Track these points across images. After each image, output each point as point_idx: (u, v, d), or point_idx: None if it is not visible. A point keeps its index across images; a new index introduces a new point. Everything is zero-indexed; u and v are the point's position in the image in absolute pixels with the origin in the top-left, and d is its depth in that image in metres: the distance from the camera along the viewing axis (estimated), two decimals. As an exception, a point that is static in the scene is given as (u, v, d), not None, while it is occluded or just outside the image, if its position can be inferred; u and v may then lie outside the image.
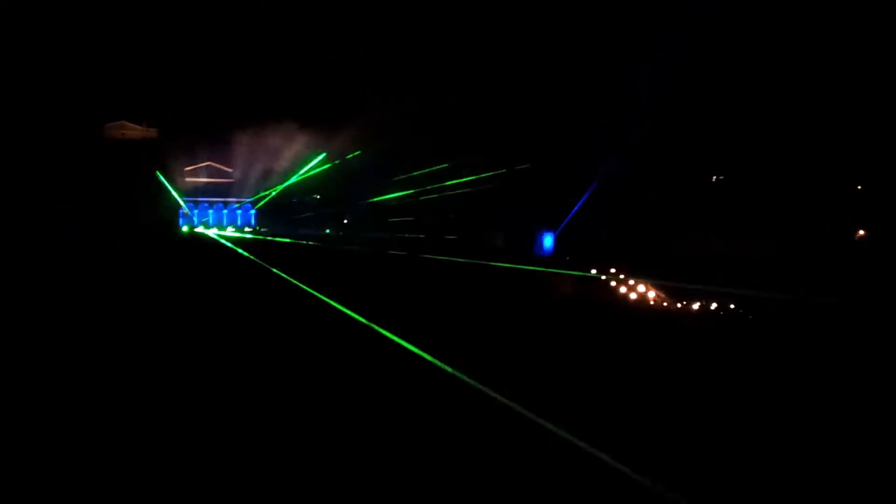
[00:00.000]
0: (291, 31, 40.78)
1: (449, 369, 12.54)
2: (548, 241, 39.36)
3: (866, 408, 13.50)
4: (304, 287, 23.01)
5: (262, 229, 44.65)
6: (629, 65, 36.74)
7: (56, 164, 37.57)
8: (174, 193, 43.21)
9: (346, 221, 43.84)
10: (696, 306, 33.39)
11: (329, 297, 20.56)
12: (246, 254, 33.60)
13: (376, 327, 16.59)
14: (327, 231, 43.79)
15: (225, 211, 44.57)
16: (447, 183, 41.20)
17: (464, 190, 41.10)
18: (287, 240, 40.03)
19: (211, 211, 43.88)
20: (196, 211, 43.92)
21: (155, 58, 40.49)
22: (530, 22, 38.28)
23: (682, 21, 34.65)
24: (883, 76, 34.76)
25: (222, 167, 44.81)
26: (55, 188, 36.46)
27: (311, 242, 40.50)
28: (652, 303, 33.60)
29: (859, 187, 38.55)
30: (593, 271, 37.46)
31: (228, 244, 38.24)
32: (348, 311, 18.81)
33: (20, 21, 37.04)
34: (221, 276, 27.15)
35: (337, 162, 42.35)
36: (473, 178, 40.49)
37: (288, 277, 25.15)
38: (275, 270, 27.48)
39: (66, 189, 36.73)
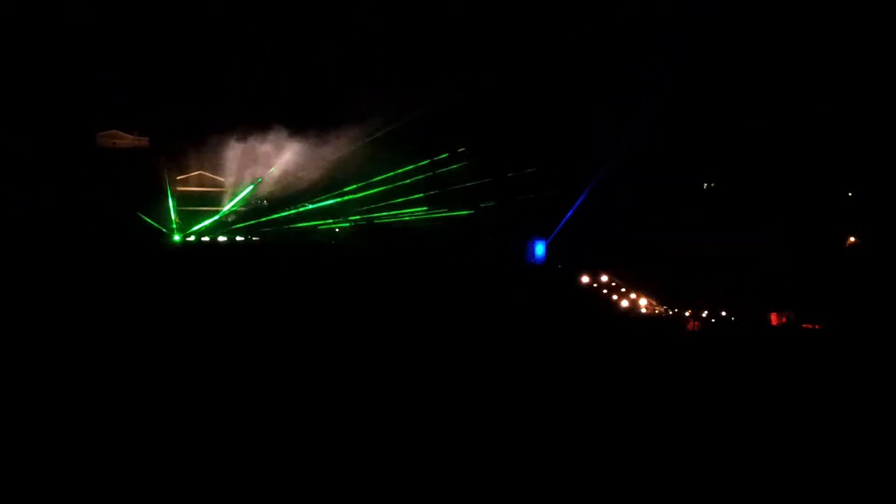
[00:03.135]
0: (284, 39, 40.84)
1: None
2: (539, 248, 39.26)
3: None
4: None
5: (254, 238, 44.47)
6: (626, 68, 36.70)
7: (47, 172, 37.52)
8: (166, 202, 43.10)
9: (337, 231, 43.77)
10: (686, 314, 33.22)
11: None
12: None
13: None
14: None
15: (217, 219, 44.45)
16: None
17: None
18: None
19: (204, 219, 43.78)
20: (189, 220, 43.83)
21: (146, 66, 40.50)
22: (529, 23, 38.25)
23: (679, 23, 34.62)
24: (882, 79, 34.86)
25: (214, 176, 44.70)
26: (47, 195, 36.45)
27: None
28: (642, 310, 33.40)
29: (850, 194, 38.68)
30: (584, 279, 37.38)
31: None
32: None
33: (15, 30, 37.10)
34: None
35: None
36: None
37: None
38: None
39: (57, 196, 36.71)
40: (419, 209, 42.13)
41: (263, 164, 43.16)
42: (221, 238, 43.82)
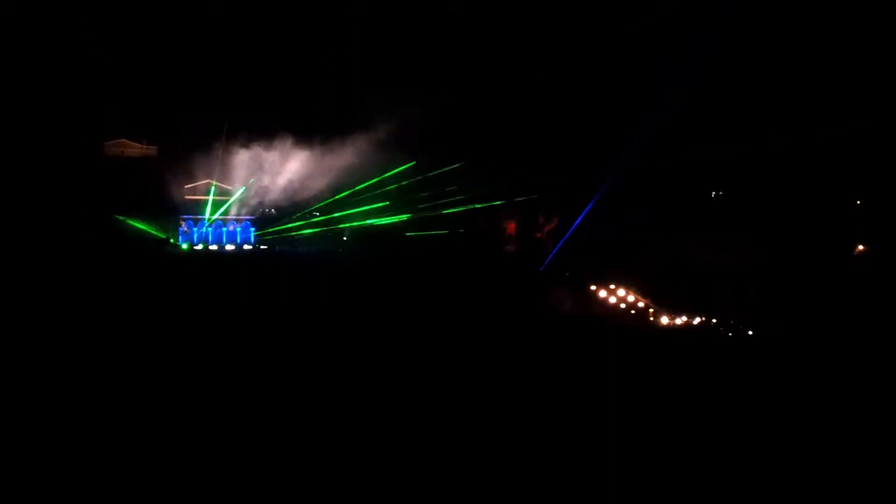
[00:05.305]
0: (291, 48, 40.97)
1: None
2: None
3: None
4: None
5: (262, 247, 44.54)
6: (638, 70, 36.57)
7: (54, 179, 37.69)
8: (174, 210, 43.30)
9: (345, 238, 43.84)
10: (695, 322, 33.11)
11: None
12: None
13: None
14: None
15: (224, 228, 44.49)
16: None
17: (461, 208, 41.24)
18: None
19: (210, 228, 43.83)
20: (195, 228, 43.92)
21: (155, 75, 40.69)
22: (531, 26, 38.18)
23: (685, 29, 34.53)
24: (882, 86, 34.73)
25: (222, 185, 44.83)
26: (53, 202, 36.62)
27: None
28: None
29: (858, 202, 38.46)
30: (593, 287, 37.28)
31: None
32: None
33: (19, 37, 37.32)
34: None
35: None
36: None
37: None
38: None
39: (64, 204, 36.90)
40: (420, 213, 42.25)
41: (270, 172, 43.35)
42: (229, 247, 43.96)
